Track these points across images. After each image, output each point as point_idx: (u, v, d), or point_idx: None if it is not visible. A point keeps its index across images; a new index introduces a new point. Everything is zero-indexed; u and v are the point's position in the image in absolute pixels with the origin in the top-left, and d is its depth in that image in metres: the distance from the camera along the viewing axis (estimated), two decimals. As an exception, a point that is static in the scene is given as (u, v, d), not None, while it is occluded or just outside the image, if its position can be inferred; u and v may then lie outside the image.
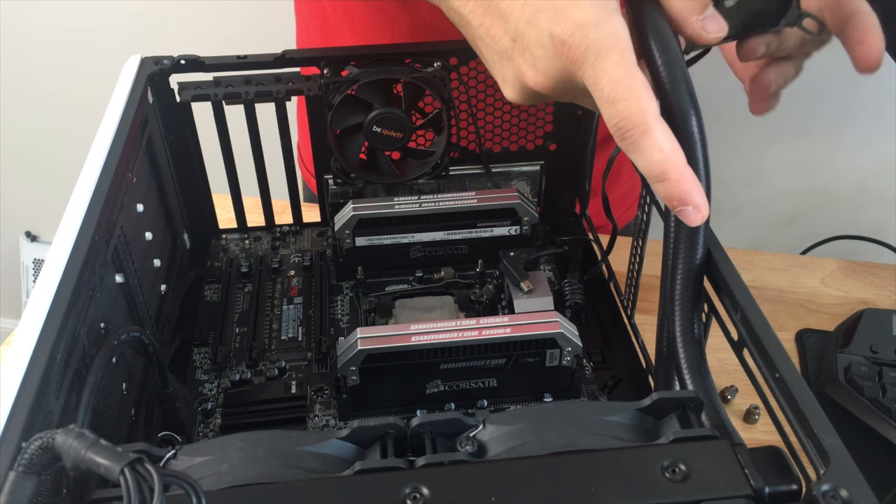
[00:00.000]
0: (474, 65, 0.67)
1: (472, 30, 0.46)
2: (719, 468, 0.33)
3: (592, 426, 0.37)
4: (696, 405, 0.38)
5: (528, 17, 0.41)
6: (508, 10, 0.43)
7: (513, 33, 0.43)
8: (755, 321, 0.41)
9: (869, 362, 0.66)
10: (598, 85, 0.39)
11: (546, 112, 0.71)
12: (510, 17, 0.43)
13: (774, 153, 1.31)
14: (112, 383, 0.47)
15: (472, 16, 0.46)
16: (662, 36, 0.42)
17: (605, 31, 0.39)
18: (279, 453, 0.36)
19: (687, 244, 0.46)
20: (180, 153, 0.68)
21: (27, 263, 1.75)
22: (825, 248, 0.89)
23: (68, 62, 1.44)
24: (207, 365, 0.60)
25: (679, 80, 0.41)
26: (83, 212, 0.47)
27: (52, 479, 0.33)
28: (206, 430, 0.55)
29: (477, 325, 0.53)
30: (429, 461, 0.34)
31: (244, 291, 0.68)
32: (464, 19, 0.47)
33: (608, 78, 0.38)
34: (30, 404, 0.35)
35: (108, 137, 0.54)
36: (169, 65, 0.63)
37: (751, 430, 0.64)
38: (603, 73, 0.39)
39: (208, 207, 0.73)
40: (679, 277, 0.46)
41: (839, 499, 0.31)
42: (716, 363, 0.62)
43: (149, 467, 0.28)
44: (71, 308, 0.41)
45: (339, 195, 0.69)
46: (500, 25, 0.44)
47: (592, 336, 0.63)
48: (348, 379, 0.53)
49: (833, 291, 0.79)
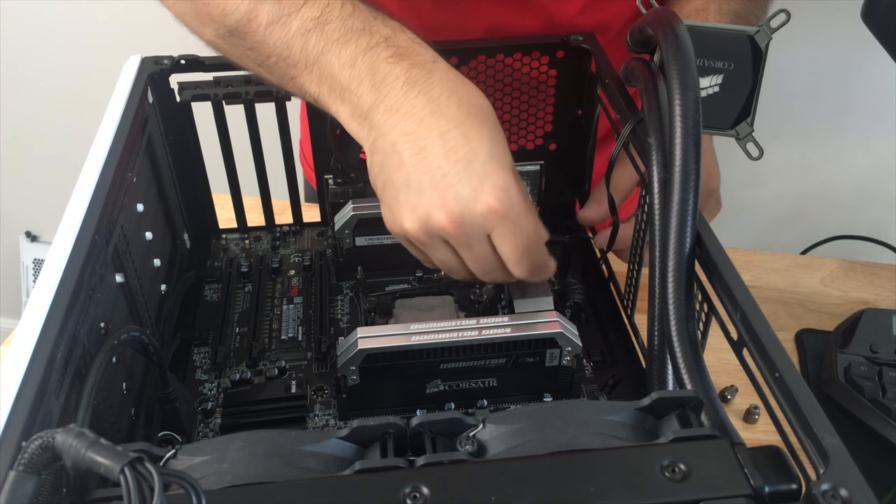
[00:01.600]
0: (474, 65, 0.67)
1: (402, 157, 0.47)
2: (719, 468, 0.33)
3: (592, 426, 0.37)
4: (695, 405, 0.38)
5: (464, 165, 0.46)
6: (450, 151, 0.47)
7: (444, 172, 0.46)
8: (755, 321, 0.41)
9: (869, 362, 0.66)
10: (514, 238, 0.48)
11: (546, 112, 0.71)
12: (450, 157, 0.46)
13: (774, 153, 1.30)
14: (112, 383, 0.47)
15: (406, 146, 0.47)
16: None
17: (525, 206, 0.48)
18: (279, 453, 0.36)
19: (677, 237, 0.46)
20: (180, 153, 0.68)
21: (27, 263, 1.75)
22: (825, 248, 0.89)
23: (68, 62, 1.44)
24: (207, 365, 0.60)
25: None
26: (83, 212, 0.47)
27: (53, 478, 0.33)
28: (206, 429, 0.55)
29: (477, 325, 0.53)
30: (429, 461, 0.34)
31: (244, 291, 0.67)
32: (394, 147, 0.48)
33: (523, 234, 0.48)
34: (30, 404, 0.35)
35: (108, 137, 0.54)
36: (169, 65, 0.63)
37: (751, 430, 0.64)
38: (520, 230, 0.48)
39: (208, 207, 0.73)
40: (671, 274, 0.46)
41: (839, 498, 0.31)
42: (716, 363, 0.63)
43: (149, 467, 0.28)
44: (71, 308, 0.41)
45: (339, 195, 0.69)
46: (436, 160, 0.46)
47: (592, 336, 0.63)
48: (348, 379, 0.53)
49: (833, 291, 0.79)
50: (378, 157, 0.49)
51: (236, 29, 0.51)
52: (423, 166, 0.47)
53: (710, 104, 0.53)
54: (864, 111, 1.24)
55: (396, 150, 0.47)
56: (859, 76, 1.20)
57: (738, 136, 0.53)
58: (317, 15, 0.49)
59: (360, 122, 0.49)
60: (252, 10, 0.50)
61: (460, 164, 0.46)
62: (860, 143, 1.27)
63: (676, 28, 0.49)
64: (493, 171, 0.46)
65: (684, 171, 0.47)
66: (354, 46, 0.48)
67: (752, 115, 0.54)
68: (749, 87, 0.53)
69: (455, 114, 0.47)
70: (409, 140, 0.47)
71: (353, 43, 0.48)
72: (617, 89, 0.59)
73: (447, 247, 0.49)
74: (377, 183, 0.50)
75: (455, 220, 0.46)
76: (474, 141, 0.47)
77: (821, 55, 1.18)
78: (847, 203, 1.33)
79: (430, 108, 0.47)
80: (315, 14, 0.49)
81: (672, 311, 0.45)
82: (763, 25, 0.52)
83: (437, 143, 0.46)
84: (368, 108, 0.48)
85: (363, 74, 0.48)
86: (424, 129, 0.47)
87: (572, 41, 0.66)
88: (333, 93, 0.49)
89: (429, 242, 0.49)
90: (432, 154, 0.46)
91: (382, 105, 0.48)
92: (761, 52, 0.53)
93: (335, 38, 0.49)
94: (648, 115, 0.51)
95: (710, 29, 0.53)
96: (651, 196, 0.49)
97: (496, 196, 0.46)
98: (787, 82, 1.16)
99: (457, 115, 0.47)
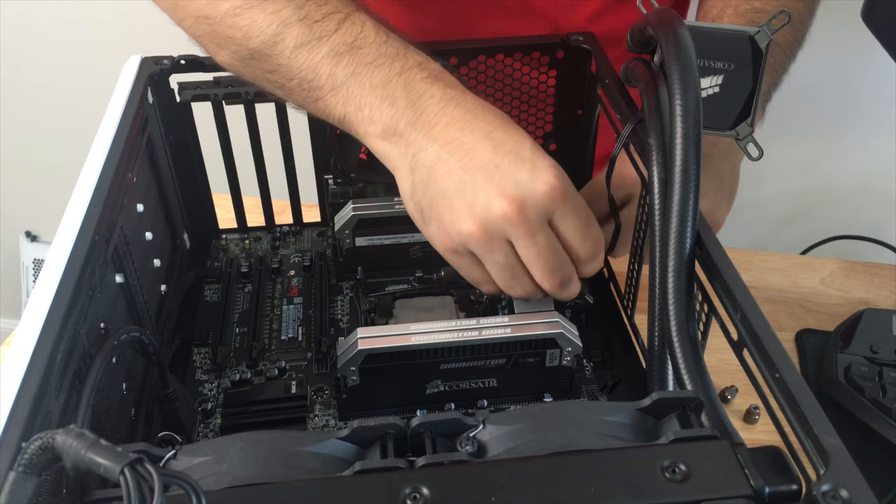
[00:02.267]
0: (474, 65, 0.67)
1: (450, 165, 0.48)
2: (719, 468, 0.33)
3: (592, 426, 0.37)
4: (695, 405, 0.38)
5: (514, 155, 0.47)
6: (497, 146, 0.48)
7: (497, 163, 0.47)
8: (755, 321, 0.41)
9: (869, 362, 0.66)
10: (576, 215, 0.48)
11: (546, 112, 0.71)
12: (499, 150, 0.47)
13: (774, 153, 1.30)
14: (112, 383, 0.47)
15: (453, 153, 0.48)
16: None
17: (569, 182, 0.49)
18: (279, 453, 0.36)
19: (677, 237, 0.46)
20: (180, 153, 0.68)
21: (27, 263, 1.75)
22: (825, 248, 0.89)
23: (68, 62, 1.44)
24: (207, 365, 0.60)
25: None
26: (83, 212, 0.47)
27: (52, 479, 0.33)
28: (206, 430, 0.55)
29: (477, 326, 0.53)
30: (429, 461, 0.34)
31: (244, 291, 0.67)
32: (439, 157, 0.48)
33: (583, 209, 0.49)
34: (30, 404, 0.35)
35: (108, 137, 0.54)
36: (169, 65, 0.63)
37: (751, 430, 0.64)
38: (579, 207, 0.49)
39: (208, 207, 0.73)
40: (671, 275, 0.46)
41: (839, 499, 0.31)
42: (716, 363, 0.63)
43: (149, 467, 0.28)
44: (71, 308, 0.41)
45: (339, 195, 0.69)
46: (486, 154, 0.47)
47: (592, 336, 0.63)
48: (348, 379, 0.53)
49: (833, 291, 0.79)
50: (421, 174, 0.49)
51: (259, 52, 0.51)
52: (474, 165, 0.47)
53: (709, 105, 0.53)
54: (864, 111, 1.24)
55: (442, 160, 0.48)
56: (859, 76, 1.20)
57: (737, 137, 0.53)
58: (350, 40, 0.50)
59: (393, 140, 0.50)
60: (279, 34, 0.50)
61: (510, 154, 0.47)
62: (860, 144, 1.27)
63: (677, 28, 0.49)
64: (542, 157, 0.48)
65: (684, 171, 0.47)
66: (388, 69, 0.50)
67: (752, 115, 0.54)
68: (749, 88, 0.54)
69: (492, 118, 0.49)
70: (455, 146, 0.48)
71: (386, 66, 0.50)
72: (617, 89, 0.59)
73: (509, 248, 0.48)
74: (423, 202, 0.49)
75: (517, 204, 0.46)
76: (517, 136, 0.48)
77: (821, 55, 1.18)
78: (847, 203, 1.33)
79: (469, 116, 0.48)
80: (349, 39, 0.50)
81: (672, 311, 0.45)
82: (763, 26, 0.52)
83: (483, 142, 0.47)
84: (404, 126, 0.49)
85: (398, 93, 0.49)
86: (468, 133, 0.48)
87: (572, 41, 0.66)
88: (361, 112, 0.50)
89: (490, 242, 0.48)
90: (481, 152, 0.47)
91: (420, 121, 0.48)
92: (762, 53, 0.53)
93: (368, 61, 0.50)
94: (649, 116, 0.51)
95: (710, 29, 0.53)
96: (651, 196, 0.49)
97: (553, 173, 0.47)
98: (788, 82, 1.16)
99: (494, 119, 0.49)
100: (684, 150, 0.47)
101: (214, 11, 0.52)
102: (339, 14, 0.51)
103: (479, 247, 0.48)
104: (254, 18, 0.51)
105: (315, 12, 0.50)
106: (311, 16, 0.50)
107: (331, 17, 0.50)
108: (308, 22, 0.50)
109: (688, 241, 0.46)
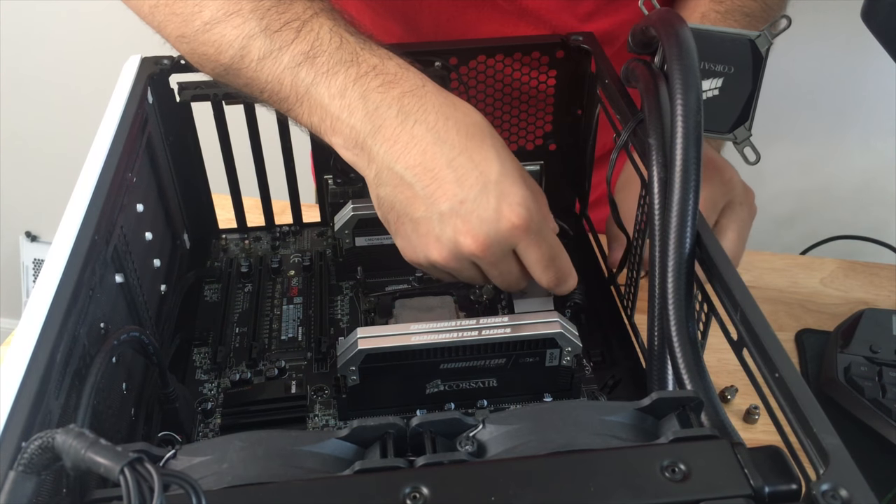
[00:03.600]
0: (474, 65, 0.67)
1: (414, 190, 0.49)
2: (719, 468, 0.33)
3: (592, 426, 0.37)
4: (695, 405, 0.38)
5: (479, 188, 0.48)
6: (461, 177, 0.48)
7: (461, 198, 0.48)
8: (755, 321, 0.41)
9: (869, 362, 0.66)
10: (538, 247, 0.50)
11: (546, 112, 0.71)
12: (463, 183, 0.48)
13: (774, 153, 1.31)
14: (112, 383, 0.47)
15: (416, 178, 0.48)
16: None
17: (543, 212, 0.50)
18: (279, 453, 0.36)
19: (677, 237, 0.46)
20: (180, 153, 0.68)
21: (27, 263, 1.75)
22: (825, 248, 0.89)
23: (68, 62, 1.44)
24: (207, 365, 0.60)
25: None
26: (83, 212, 0.47)
27: (52, 478, 0.33)
28: (206, 430, 0.55)
29: (477, 326, 0.53)
30: (429, 461, 0.34)
31: (244, 291, 0.67)
32: (402, 180, 0.49)
33: (546, 243, 0.50)
34: (30, 404, 0.35)
35: (107, 137, 0.54)
36: (169, 65, 0.63)
37: (751, 430, 0.64)
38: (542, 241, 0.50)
39: (208, 207, 0.73)
40: (671, 274, 0.46)
41: (839, 498, 0.31)
42: (716, 363, 0.63)
43: (149, 467, 0.28)
44: (71, 308, 0.41)
45: (339, 195, 0.69)
46: (450, 188, 0.48)
47: (592, 336, 0.63)
48: (348, 379, 0.53)
49: (833, 291, 0.79)
50: (386, 191, 0.50)
51: (230, 66, 0.52)
52: (438, 196, 0.48)
53: (708, 107, 0.53)
54: (864, 111, 1.24)
55: (406, 183, 0.48)
56: (859, 76, 1.20)
57: (735, 140, 0.53)
58: (307, 49, 0.50)
59: (356, 151, 0.50)
60: (244, 48, 0.50)
61: (475, 187, 0.48)
62: (860, 144, 1.27)
63: (680, 29, 0.49)
64: (507, 188, 0.48)
65: (685, 171, 0.47)
66: (344, 77, 0.49)
67: (750, 119, 0.54)
68: (748, 92, 0.54)
69: (455, 139, 0.48)
70: (417, 172, 0.48)
71: (342, 74, 0.49)
72: (617, 89, 0.59)
73: (476, 269, 0.51)
74: (388, 217, 0.51)
75: (482, 242, 0.48)
76: (482, 164, 0.48)
77: (821, 55, 1.18)
78: (847, 203, 1.33)
79: (431, 137, 0.48)
80: (306, 48, 0.50)
81: (672, 311, 0.45)
82: (764, 30, 0.52)
83: (447, 172, 0.48)
84: (364, 138, 0.49)
85: (354, 104, 0.49)
86: (430, 159, 0.48)
87: (572, 41, 0.66)
88: (324, 123, 0.50)
89: (457, 266, 0.51)
90: (445, 183, 0.48)
91: (379, 135, 0.48)
92: (762, 57, 0.53)
93: (324, 70, 0.49)
94: (649, 116, 0.51)
95: (711, 32, 0.53)
96: (651, 196, 0.49)
97: (516, 212, 0.48)
98: (788, 82, 1.16)
99: (457, 140, 0.48)
100: (685, 150, 0.47)
101: (188, 29, 0.52)
102: (297, 22, 0.50)
103: (447, 267, 0.51)
104: (222, 33, 0.51)
105: (275, 21, 0.50)
106: (271, 26, 0.50)
107: (289, 25, 0.50)
108: (269, 32, 0.50)
109: (688, 240, 0.46)
